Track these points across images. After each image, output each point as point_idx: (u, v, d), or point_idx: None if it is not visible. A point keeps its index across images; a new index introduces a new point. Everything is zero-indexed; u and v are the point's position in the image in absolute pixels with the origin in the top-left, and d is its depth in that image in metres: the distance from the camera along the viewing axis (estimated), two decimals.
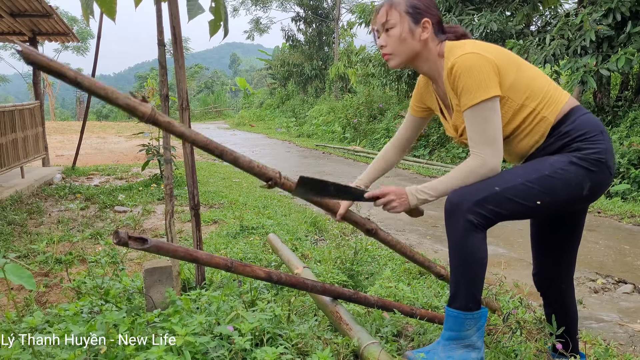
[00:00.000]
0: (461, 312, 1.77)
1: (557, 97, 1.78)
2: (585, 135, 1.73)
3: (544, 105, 1.76)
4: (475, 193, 1.71)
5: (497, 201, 1.71)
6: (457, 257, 1.75)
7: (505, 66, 1.73)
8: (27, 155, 7.25)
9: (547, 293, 2.10)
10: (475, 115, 1.71)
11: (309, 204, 6.18)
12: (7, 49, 31.39)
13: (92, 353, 1.72)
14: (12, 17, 7.13)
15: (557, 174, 1.70)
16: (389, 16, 1.83)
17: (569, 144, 1.74)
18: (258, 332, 1.91)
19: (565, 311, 2.07)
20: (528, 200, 1.72)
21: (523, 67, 1.79)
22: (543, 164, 1.74)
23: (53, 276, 3.35)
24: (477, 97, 1.68)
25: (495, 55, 1.73)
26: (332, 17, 21.90)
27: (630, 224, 5.35)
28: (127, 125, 21.58)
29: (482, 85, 1.68)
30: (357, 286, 3.08)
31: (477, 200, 1.69)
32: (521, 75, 1.76)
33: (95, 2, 2.26)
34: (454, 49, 1.78)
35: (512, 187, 1.71)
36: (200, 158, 10.78)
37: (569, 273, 2.05)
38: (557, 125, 1.76)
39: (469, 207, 1.69)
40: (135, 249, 1.64)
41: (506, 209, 1.73)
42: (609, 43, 7.26)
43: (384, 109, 13.83)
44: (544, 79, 1.81)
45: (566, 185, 1.71)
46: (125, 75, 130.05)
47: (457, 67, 1.71)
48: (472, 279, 1.76)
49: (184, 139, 1.63)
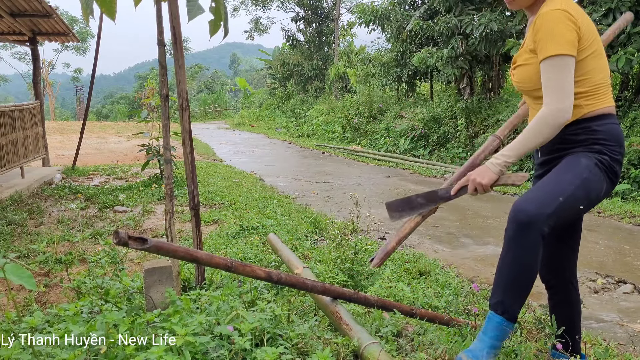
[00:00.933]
0: (509, 324, 1.78)
1: (603, 97, 1.83)
2: (610, 142, 1.80)
3: (587, 96, 1.81)
4: (547, 206, 1.73)
5: (561, 211, 1.75)
6: (523, 269, 1.75)
7: (586, 40, 1.77)
8: (27, 155, 7.25)
9: (552, 283, 2.10)
10: (550, 65, 1.75)
11: (308, 204, 6.18)
12: (7, 49, 31.39)
13: (92, 353, 1.72)
14: (12, 17, 7.13)
15: (591, 175, 1.78)
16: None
17: (593, 142, 1.81)
18: (258, 332, 1.91)
19: (570, 300, 2.08)
20: (577, 204, 1.79)
21: (599, 57, 1.82)
22: (580, 166, 1.79)
23: (53, 276, 3.35)
24: (555, 50, 1.73)
25: (584, 25, 1.77)
26: (332, 17, 21.89)
27: (630, 224, 5.35)
28: (127, 125, 21.58)
29: (562, 39, 1.73)
30: (357, 286, 3.08)
31: (549, 214, 1.72)
32: (590, 60, 1.80)
33: (95, 2, 2.25)
34: (551, 2, 1.80)
35: (570, 195, 1.76)
36: (200, 158, 10.78)
37: (573, 260, 2.07)
38: (589, 120, 1.82)
39: (544, 220, 1.71)
40: (135, 249, 1.64)
41: (564, 217, 1.79)
42: (609, 43, 7.26)
43: (384, 109, 13.84)
44: (604, 75, 1.85)
45: (596, 188, 1.80)
46: (125, 75, 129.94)
47: (544, 18, 1.76)
48: (527, 291, 1.78)
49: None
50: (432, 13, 11.45)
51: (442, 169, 9.04)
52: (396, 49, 12.89)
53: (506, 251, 1.77)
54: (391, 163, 10.25)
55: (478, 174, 1.89)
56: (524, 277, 1.75)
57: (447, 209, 6.10)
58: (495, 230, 5.03)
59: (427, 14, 11.61)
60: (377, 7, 13.01)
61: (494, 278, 1.83)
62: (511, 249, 1.75)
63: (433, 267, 3.67)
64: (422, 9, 11.83)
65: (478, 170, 1.91)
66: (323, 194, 7.11)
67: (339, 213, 5.66)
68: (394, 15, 12.59)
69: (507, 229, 1.77)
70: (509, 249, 1.76)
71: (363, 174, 8.88)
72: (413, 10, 12.61)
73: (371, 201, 6.22)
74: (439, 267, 3.75)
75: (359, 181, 8.13)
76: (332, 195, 7.00)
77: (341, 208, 6.03)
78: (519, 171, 8.18)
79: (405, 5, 13.11)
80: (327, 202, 6.57)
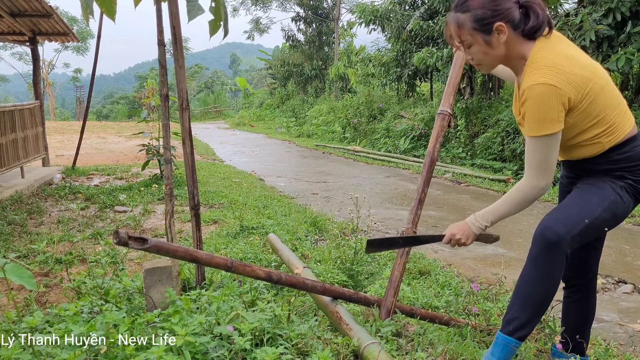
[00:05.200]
0: (519, 343, 1.78)
1: (621, 127, 1.78)
2: (632, 166, 1.79)
3: (605, 134, 1.77)
4: (573, 227, 1.73)
5: (586, 232, 1.76)
6: (545, 288, 1.75)
7: (580, 96, 1.68)
8: (27, 155, 7.25)
9: (574, 282, 2.08)
10: (533, 144, 1.74)
11: (308, 204, 6.18)
12: (7, 49, 31.40)
13: (92, 353, 1.72)
14: (12, 17, 7.12)
15: (618, 198, 1.78)
16: (462, 37, 1.80)
17: (614, 170, 1.80)
18: (258, 332, 1.91)
19: (587, 300, 2.07)
20: (603, 226, 1.80)
21: (603, 90, 1.72)
22: (606, 189, 1.79)
23: (53, 276, 3.35)
24: (538, 131, 1.70)
25: (574, 85, 1.65)
26: (332, 17, 21.88)
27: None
28: (127, 125, 21.58)
29: (546, 120, 1.67)
30: (357, 286, 3.08)
31: (574, 235, 1.73)
32: (596, 102, 1.71)
33: (95, 2, 2.25)
34: (533, 65, 1.70)
35: (596, 217, 1.76)
36: (200, 158, 10.78)
37: (596, 259, 2.07)
38: (611, 150, 1.79)
39: (569, 241, 1.72)
40: (135, 249, 1.64)
41: (588, 238, 1.81)
42: (609, 43, 7.26)
43: (384, 109, 13.83)
44: (618, 104, 1.78)
45: (623, 209, 1.80)
46: (125, 75, 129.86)
47: (527, 95, 1.69)
48: (544, 310, 1.79)
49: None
50: (432, 13, 11.46)
51: (442, 169, 9.04)
52: (396, 49, 12.88)
53: (530, 269, 1.77)
54: (391, 163, 10.25)
55: (462, 234, 1.95)
56: (544, 295, 1.76)
57: (447, 209, 6.10)
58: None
59: (427, 14, 11.61)
60: (377, 7, 13.02)
61: (512, 295, 1.83)
62: (536, 267, 1.75)
63: (433, 267, 3.67)
64: (422, 9, 11.83)
65: (461, 229, 1.95)
66: (323, 194, 7.11)
67: (339, 213, 5.66)
68: (394, 15, 12.59)
69: (533, 247, 1.76)
70: (534, 267, 1.75)
71: (363, 174, 8.88)
72: (413, 10, 12.62)
73: (371, 201, 6.22)
74: (439, 267, 3.75)
75: (359, 181, 8.12)
76: (332, 195, 7.00)
77: (341, 208, 6.02)
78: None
79: (405, 5, 13.12)
80: (327, 202, 6.56)
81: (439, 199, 6.72)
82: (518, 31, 1.72)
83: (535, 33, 1.72)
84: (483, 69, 1.87)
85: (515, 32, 1.72)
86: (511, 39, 1.73)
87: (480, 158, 9.35)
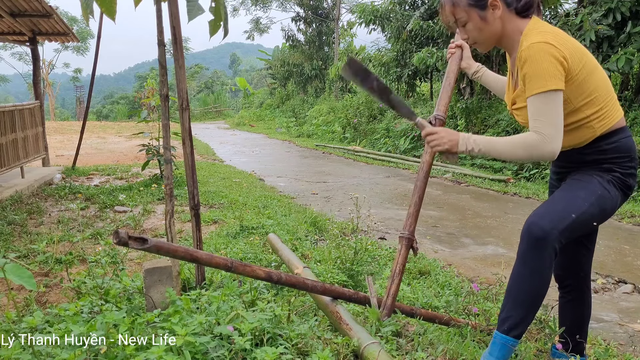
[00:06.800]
0: (516, 342, 1.77)
1: (612, 113, 1.79)
2: (620, 158, 1.79)
3: (597, 117, 1.76)
4: (560, 222, 1.72)
5: (574, 228, 1.75)
6: (535, 283, 1.74)
7: (576, 65, 1.71)
8: (27, 155, 7.25)
9: (567, 282, 2.08)
10: (537, 102, 1.70)
11: (308, 204, 6.18)
12: (7, 49, 31.40)
13: (92, 353, 1.72)
14: (12, 17, 7.12)
15: (605, 192, 1.77)
16: (457, 14, 1.85)
17: (602, 161, 1.80)
18: (258, 332, 1.91)
19: (582, 300, 2.08)
20: (591, 220, 1.80)
21: (595, 71, 1.76)
22: (593, 183, 1.78)
23: (53, 276, 3.35)
24: (541, 87, 1.68)
25: (570, 52, 1.70)
26: (332, 17, 21.88)
27: (630, 224, 5.35)
28: (127, 125, 21.58)
29: (546, 76, 1.67)
30: (357, 286, 3.08)
31: (561, 231, 1.71)
32: (589, 80, 1.74)
33: (95, 2, 2.25)
34: (532, 32, 1.75)
35: (583, 212, 1.75)
36: (200, 158, 10.78)
37: (588, 259, 2.07)
38: (600, 139, 1.79)
39: (556, 236, 1.71)
40: (135, 249, 1.64)
41: (576, 233, 1.79)
42: (609, 43, 7.26)
43: (384, 109, 13.83)
44: (608, 90, 1.80)
45: (610, 204, 1.79)
46: (125, 75, 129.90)
47: (526, 54, 1.70)
48: (537, 306, 1.78)
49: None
50: (432, 13, 11.45)
51: (442, 168, 9.03)
52: (396, 49, 12.89)
53: (519, 266, 1.76)
54: (391, 163, 10.25)
55: (446, 139, 1.86)
56: (535, 291, 1.75)
57: (447, 209, 6.10)
58: (495, 231, 5.03)
59: (427, 14, 11.60)
60: (377, 7, 13.01)
61: (505, 293, 1.82)
62: (525, 263, 1.74)
63: (433, 267, 3.67)
64: (422, 9, 11.83)
65: (449, 135, 1.86)
66: (323, 194, 7.11)
67: (339, 213, 5.66)
68: (394, 15, 12.59)
69: (521, 243, 1.76)
70: (523, 264, 1.75)
71: (363, 174, 8.88)
72: (413, 10, 12.62)
73: (371, 201, 6.21)
74: (439, 267, 3.75)
75: (359, 181, 8.12)
76: (332, 195, 7.00)
77: (341, 208, 6.02)
78: (533, 170, 8.19)
79: (405, 5, 13.11)
80: (327, 202, 6.56)
81: (438, 198, 6.72)
82: (511, 8, 1.82)
83: (527, 10, 1.82)
84: (480, 48, 1.90)
85: (508, 9, 1.82)
86: (505, 16, 1.82)
87: (480, 158, 9.36)
